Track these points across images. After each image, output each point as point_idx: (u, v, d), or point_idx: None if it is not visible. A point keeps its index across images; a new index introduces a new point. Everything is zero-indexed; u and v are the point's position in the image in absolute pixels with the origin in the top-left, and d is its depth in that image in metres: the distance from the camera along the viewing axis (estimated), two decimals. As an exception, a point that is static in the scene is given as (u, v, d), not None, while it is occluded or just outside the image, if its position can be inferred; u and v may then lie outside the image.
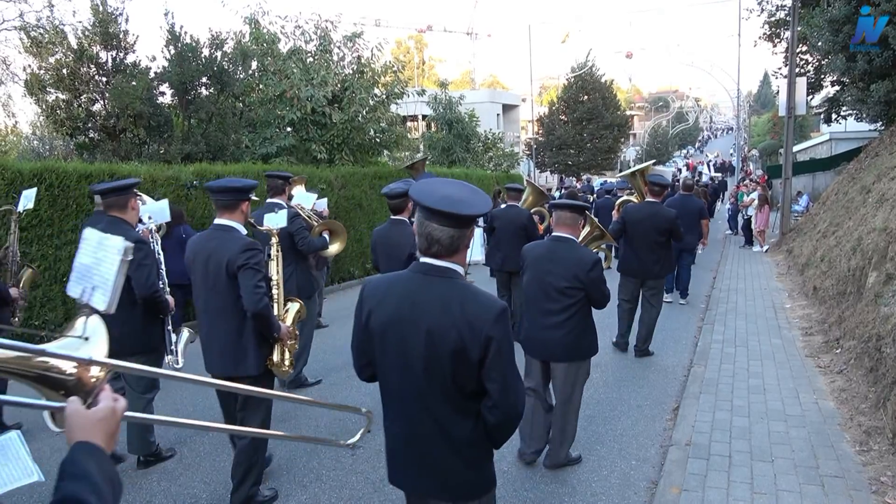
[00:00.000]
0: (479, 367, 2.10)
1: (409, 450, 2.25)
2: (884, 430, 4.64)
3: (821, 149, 27.22)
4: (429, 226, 2.11)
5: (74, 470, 1.16)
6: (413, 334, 2.14)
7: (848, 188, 12.71)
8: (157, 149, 12.55)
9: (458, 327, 2.07)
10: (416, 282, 2.18)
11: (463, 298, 2.11)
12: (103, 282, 2.51)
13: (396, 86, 15.64)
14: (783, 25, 19.56)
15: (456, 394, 2.15)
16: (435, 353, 2.11)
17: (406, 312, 2.15)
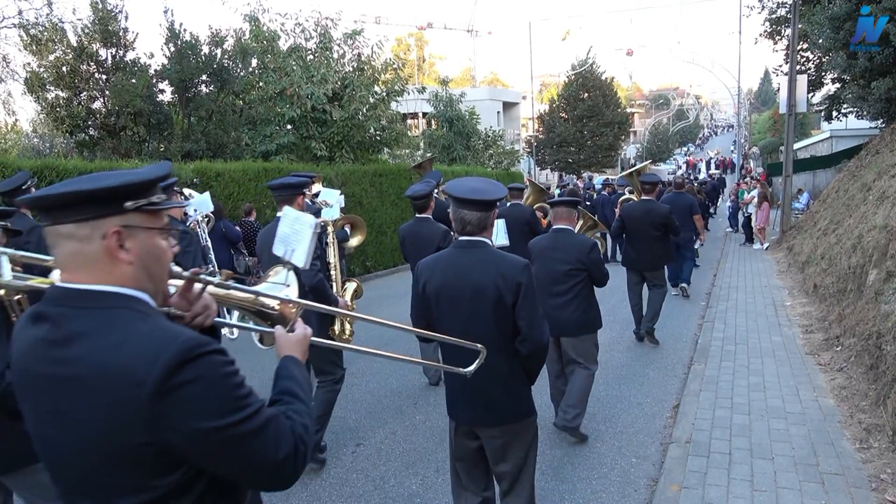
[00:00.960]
0: (512, 310, 2.71)
1: (464, 388, 2.78)
2: (884, 428, 4.64)
3: (821, 146, 27.19)
4: (461, 212, 2.78)
5: (286, 373, 1.57)
6: (461, 293, 2.75)
7: (848, 186, 12.70)
8: (158, 146, 12.57)
9: (495, 281, 2.71)
10: (457, 255, 2.84)
11: (495, 259, 2.78)
12: (300, 246, 3.37)
13: (397, 83, 15.63)
14: (784, 23, 19.55)
15: (498, 336, 2.74)
16: (480, 304, 2.73)
17: (453, 278, 2.79)
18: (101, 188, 1.27)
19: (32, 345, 1.32)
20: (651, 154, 62.53)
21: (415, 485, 4.28)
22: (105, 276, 1.30)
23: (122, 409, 1.21)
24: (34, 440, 1.38)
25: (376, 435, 5.11)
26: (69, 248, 1.29)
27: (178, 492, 1.29)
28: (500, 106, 41.96)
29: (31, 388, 1.33)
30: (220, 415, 1.25)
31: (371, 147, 15.92)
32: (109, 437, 1.24)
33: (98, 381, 1.22)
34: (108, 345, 1.24)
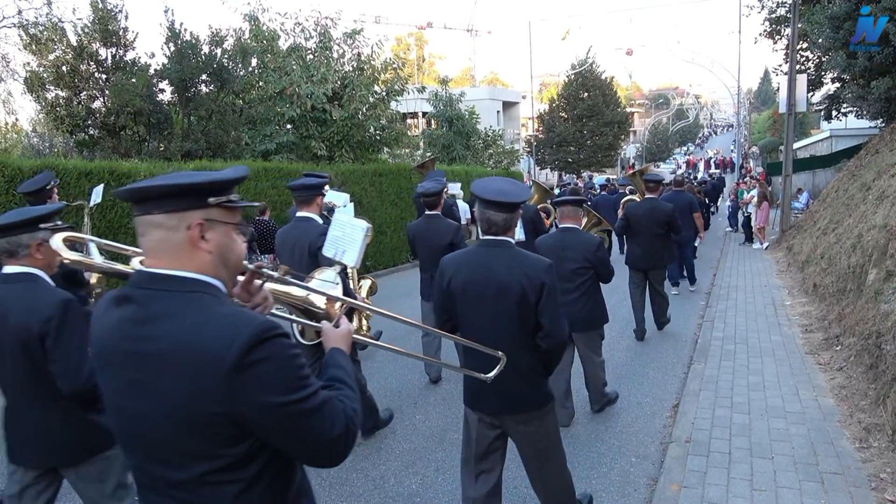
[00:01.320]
0: (535, 308, 2.84)
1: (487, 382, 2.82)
2: (883, 427, 4.64)
3: (821, 146, 27.19)
4: (487, 213, 2.88)
5: (335, 362, 1.70)
6: (487, 290, 2.88)
7: (848, 185, 12.70)
8: (157, 146, 12.56)
9: (519, 280, 2.83)
10: (482, 253, 2.95)
11: (520, 259, 2.89)
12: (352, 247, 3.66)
13: (396, 83, 15.63)
14: (784, 22, 19.55)
15: (520, 331, 2.89)
16: (504, 302, 2.85)
17: (478, 276, 2.91)
18: (191, 184, 1.44)
19: (117, 324, 1.47)
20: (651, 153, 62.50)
21: (415, 484, 4.28)
22: (187, 262, 1.45)
23: (202, 382, 1.35)
24: (113, 413, 1.52)
25: (376, 435, 5.11)
26: (158, 235, 1.44)
27: (243, 462, 1.43)
28: (500, 105, 41.97)
29: (115, 364, 1.47)
30: (286, 391, 1.39)
31: (371, 147, 15.92)
32: (188, 408, 1.37)
33: (181, 357, 1.37)
34: (190, 325, 1.39)
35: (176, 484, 1.45)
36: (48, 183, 5.22)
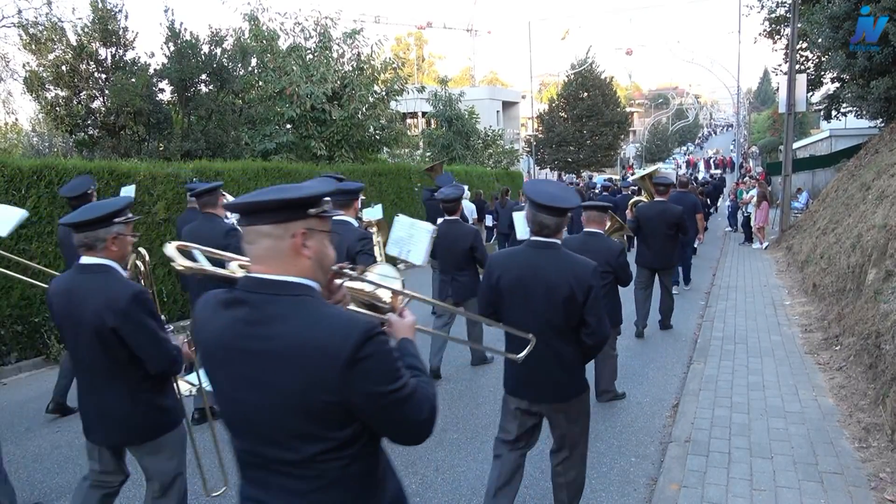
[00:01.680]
0: (582, 307, 3.07)
1: (533, 372, 3.16)
2: (883, 427, 4.65)
3: (821, 146, 27.19)
4: (539, 215, 3.09)
5: (408, 352, 1.87)
6: (535, 289, 3.08)
7: (847, 185, 12.71)
8: (157, 146, 12.55)
9: (568, 281, 3.03)
10: (532, 253, 3.15)
11: (569, 261, 3.10)
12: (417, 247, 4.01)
13: (396, 82, 15.63)
14: (783, 22, 19.56)
15: (565, 327, 3.12)
16: (552, 300, 3.06)
17: (528, 274, 3.11)
18: (296, 198, 1.60)
19: (230, 324, 1.63)
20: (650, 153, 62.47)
21: (414, 484, 4.28)
22: (291, 268, 1.62)
23: (317, 375, 1.53)
24: (225, 403, 1.71)
25: (376, 434, 5.11)
26: (266, 244, 1.61)
27: (347, 443, 1.62)
28: (500, 105, 41.96)
29: (227, 360, 1.64)
30: (388, 382, 1.59)
31: (370, 146, 15.92)
32: (303, 397, 1.55)
33: (295, 354, 1.54)
34: (303, 325, 1.56)
35: (287, 463, 1.63)
36: (89, 187, 5.49)
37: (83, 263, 2.79)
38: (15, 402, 5.70)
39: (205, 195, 5.16)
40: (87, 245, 2.74)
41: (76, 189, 5.44)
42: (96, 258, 2.76)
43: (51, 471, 4.61)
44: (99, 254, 2.76)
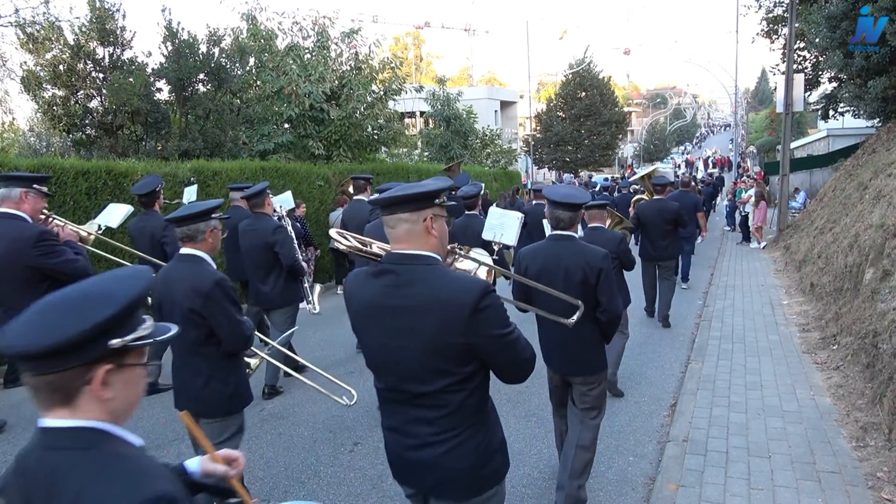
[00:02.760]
0: (594, 289, 3.57)
1: (560, 347, 3.72)
2: (880, 426, 4.65)
3: (818, 145, 27.25)
4: (557, 212, 3.64)
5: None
6: (556, 274, 3.59)
7: (845, 185, 12.72)
8: (155, 145, 12.53)
9: (582, 266, 3.56)
10: (552, 245, 3.71)
11: (582, 250, 3.64)
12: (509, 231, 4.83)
13: (394, 82, 15.61)
14: (781, 22, 19.59)
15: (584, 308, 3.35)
16: (570, 283, 3.54)
17: (550, 263, 3.64)
18: (427, 191, 2.08)
19: (379, 289, 2.12)
20: (648, 153, 62.48)
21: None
22: (423, 245, 2.10)
23: (451, 322, 2.00)
24: (374, 350, 2.19)
25: (374, 434, 5.11)
26: (404, 227, 2.09)
27: (469, 377, 2.09)
28: (498, 105, 41.96)
29: (379, 316, 2.13)
30: (500, 327, 2.05)
31: (369, 146, 15.91)
32: (438, 340, 2.02)
33: (432, 307, 2.02)
34: (437, 285, 2.04)
35: (422, 395, 2.11)
36: (157, 186, 6.15)
37: (182, 253, 3.27)
38: (11, 403, 5.68)
39: (254, 198, 5.79)
40: (189, 236, 3.21)
41: (146, 187, 6.10)
42: (194, 249, 3.23)
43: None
44: (198, 245, 3.23)
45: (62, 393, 1.28)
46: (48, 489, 1.24)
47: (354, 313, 2.24)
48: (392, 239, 2.16)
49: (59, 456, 1.27)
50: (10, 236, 4.07)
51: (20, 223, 4.16)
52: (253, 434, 5.17)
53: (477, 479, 2.18)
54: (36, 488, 1.26)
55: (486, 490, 2.20)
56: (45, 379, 1.27)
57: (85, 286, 1.35)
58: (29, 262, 4.09)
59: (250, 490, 4.16)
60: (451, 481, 2.16)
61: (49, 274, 4.20)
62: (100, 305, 1.27)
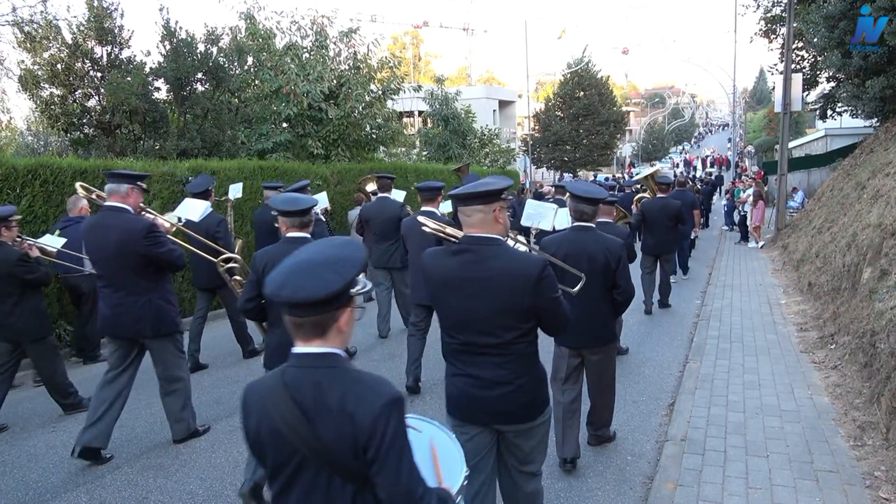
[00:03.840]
0: (614, 273, 4.15)
1: (578, 324, 3.86)
2: (878, 426, 4.66)
3: (816, 145, 27.26)
4: (580, 206, 4.24)
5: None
6: (581, 260, 4.10)
7: (843, 184, 12.73)
8: (153, 144, 12.52)
9: (604, 253, 4.14)
10: (576, 235, 4.25)
11: (602, 238, 4.21)
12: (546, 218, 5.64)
13: (392, 81, 15.60)
14: (779, 21, 19.58)
15: (602, 289, 4.21)
16: (593, 268, 4.10)
17: (575, 251, 4.16)
18: (495, 189, 2.67)
19: (460, 264, 2.72)
20: (647, 153, 62.50)
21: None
22: (492, 229, 2.71)
23: (521, 288, 2.64)
24: (454, 313, 2.78)
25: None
26: (479, 216, 2.69)
27: (529, 332, 2.77)
28: (496, 104, 41.96)
29: (461, 285, 2.72)
30: (554, 291, 2.72)
31: (367, 145, 15.90)
32: (510, 303, 2.66)
33: (505, 277, 2.65)
34: (507, 261, 2.68)
35: (494, 346, 2.73)
36: (210, 185, 6.93)
37: (290, 237, 3.97)
38: (8, 402, 5.67)
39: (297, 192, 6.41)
40: (303, 223, 4.00)
41: (200, 186, 6.84)
42: (300, 233, 3.99)
43: (46, 471, 4.59)
44: (303, 230, 4.00)
45: (320, 328, 1.79)
46: (316, 393, 1.76)
47: (434, 284, 2.85)
48: (466, 225, 2.74)
49: (318, 372, 1.79)
50: (122, 227, 4.49)
51: (129, 215, 4.58)
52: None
53: (537, 405, 2.86)
54: (304, 394, 1.77)
55: (542, 411, 2.88)
56: (310, 319, 1.77)
57: (329, 251, 1.87)
58: (140, 251, 4.48)
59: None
60: (520, 408, 2.81)
61: (153, 260, 4.58)
62: (349, 266, 1.80)
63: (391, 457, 1.72)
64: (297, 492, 1.83)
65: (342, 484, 1.77)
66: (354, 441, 1.71)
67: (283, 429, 1.77)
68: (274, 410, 1.79)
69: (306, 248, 1.89)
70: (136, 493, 4.23)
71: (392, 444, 1.72)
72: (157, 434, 5.21)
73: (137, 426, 5.40)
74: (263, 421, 1.82)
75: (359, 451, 1.72)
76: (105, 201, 4.71)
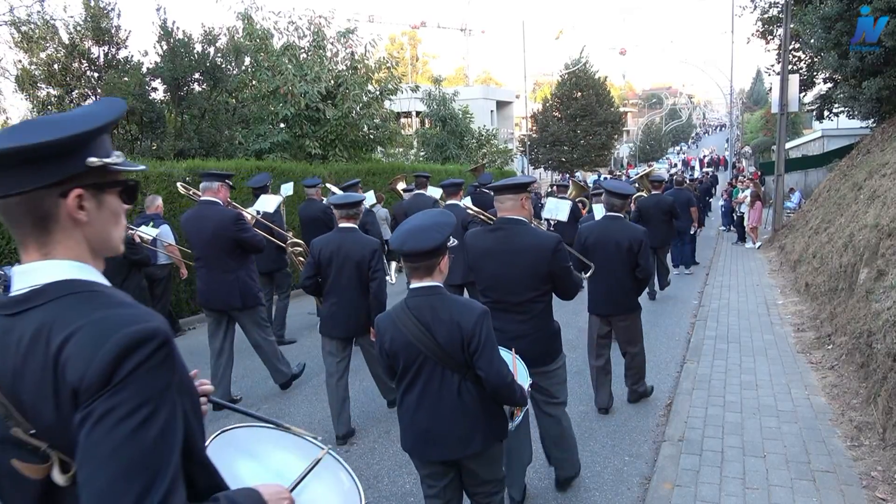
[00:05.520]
0: (636, 255, 5.07)
1: (607, 296, 5.25)
2: (874, 426, 4.67)
3: (813, 146, 27.30)
4: (611, 199, 5.26)
5: None
6: (609, 245, 5.14)
7: (840, 185, 12.76)
8: (150, 145, 12.51)
9: (628, 238, 5.08)
10: (606, 223, 5.25)
11: (628, 227, 5.24)
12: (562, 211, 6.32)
13: (390, 82, 15.59)
14: (776, 22, 19.60)
15: (626, 267, 5.13)
16: (619, 251, 5.10)
17: (603, 236, 5.17)
18: (523, 182, 3.53)
19: (495, 239, 3.57)
20: (644, 153, 62.56)
21: (408, 483, 4.28)
22: (520, 213, 3.53)
23: (541, 258, 3.49)
24: (488, 278, 3.64)
25: (370, 434, 5.11)
26: (510, 203, 3.53)
27: (547, 293, 3.62)
28: (494, 105, 41.92)
29: (495, 255, 3.55)
30: (565, 261, 3.55)
31: (365, 146, 15.89)
32: (532, 269, 3.51)
33: (529, 250, 3.49)
34: (532, 237, 3.53)
35: (517, 304, 3.58)
36: (268, 181, 7.84)
37: (343, 227, 4.88)
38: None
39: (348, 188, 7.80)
40: (349, 216, 4.89)
41: (260, 182, 7.73)
42: (351, 223, 4.90)
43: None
44: (352, 220, 4.92)
45: (429, 270, 2.62)
46: (432, 312, 2.61)
47: (474, 255, 3.67)
48: (500, 210, 3.61)
49: (431, 298, 2.63)
50: (217, 217, 5.40)
51: (221, 207, 5.48)
52: (248, 434, 5.17)
53: (552, 352, 3.73)
54: (424, 313, 2.63)
55: (556, 357, 3.76)
56: (423, 264, 2.61)
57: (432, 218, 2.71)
58: (231, 236, 5.39)
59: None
60: (538, 354, 3.61)
61: (240, 243, 5.47)
62: (446, 228, 2.66)
63: (486, 348, 2.56)
64: (420, 383, 2.67)
65: (451, 374, 2.63)
66: (461, 340, 2.56)
67: (411, 339, 2.60)
68: (403, 328, 2.62)
69: (416, 216, 2.76)
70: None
71: (486, 340, 2.57)
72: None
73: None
74: (396, 337, 2.64)
75: (465, 347, 2.56)
76: (200, 197, 5.64)
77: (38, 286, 1.16)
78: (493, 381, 2.57)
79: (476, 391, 2.63)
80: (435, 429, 2.66)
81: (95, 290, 1.19)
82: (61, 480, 1.11)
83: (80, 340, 1.07)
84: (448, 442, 2.68)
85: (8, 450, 1.13)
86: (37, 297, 1.15)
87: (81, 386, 1.04)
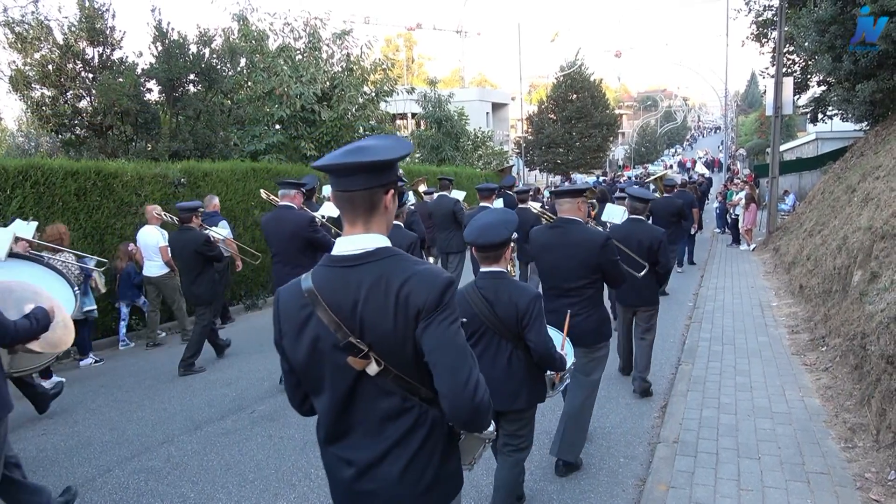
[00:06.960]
0: (657, 253, 5.60)
1: (630, 288, 5.66)
2: (868, 427, 4.68)
3: (807, 148, 27.39)
4: (634, 203, 5.91)
5: None
6: (632, 242, 5.67)
7: (834, 187, 12.81)
8: (145, 146, 12.49)
9: (650, 238, 5.64)
10: (631, 225, 5.86)
11: (650, 228, 5.81)
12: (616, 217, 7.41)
13: (386, 83, 15.60)
14: (770, 26, 19.67)
15: (648, 263, 5.58)
16: (641, 249, 5.63)
17: (627, 236, 5.71)
18: (581, 188, 4.33)
19: (555, 234, 4.23)
20: (639, 155, 62.68)
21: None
22: (576, 214, 4.23)
23: (591, 251, 4.13)
24: (548, 269, 4.29)
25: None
26: (567, 205, 4.23)
27: (596, 281, 4.24)
28: (489, 107, 41.97)
29: (554, 249, 4.21)
30: (613, 255, 4.21)
31: (360, 147, 15.86)
32: (585, 259, 4.15)
33: (581, 244, 4.13)
34: (583, 233, 4.16)
35: (571, 289, 4.19)
36: (315, 184, 8.47)
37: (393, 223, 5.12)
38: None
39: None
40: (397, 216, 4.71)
41: (309, 184, 7.91)
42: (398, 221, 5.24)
43: (36, 474, 4.56)
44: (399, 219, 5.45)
45: (496, 259, 3.18)
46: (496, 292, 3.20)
47: (536, 247, 4.31)
48: (560, 211, 4.24)
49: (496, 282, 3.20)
50: (294, 220, 6.10)
51: (296, 211, 6.20)
52: (244, 436, 5.15)
53: (600, 335, 4.27)
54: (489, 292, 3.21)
55: (603, 340, 4.31)
56: (492, 254, 3.16)
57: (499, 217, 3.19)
58: (305, 236, 6.04)
59: (239, 492, 4.14)
60: (586, 334, 4.17)
61: (312, 242, 6.07)
62: (511, 224, 3.16)
63: (537, 323, 3.16)
64: (479, 348, 3.27)
65: (506, 343, 3.26)
66: (517, 315, 3.15)
67: (476, 311, 3.20)
68: (472, 302, 3.21)
69: (485, 214, 3.24)
70: (127, 497, 4.20)
71: (537, 317, 3.15)
72: (147, 437, 5.18)
73: (128, 429, 5.37)
74: (465, 309, 3.15)
75: (519, 321, 3.15)
76: (279, 201, 6.40)
77: (369, 249, 1.75)
78: (539, 349, 3.18)
79: (524, 358, 3.26)
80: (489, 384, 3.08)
81: (402, 254, 1.78)
82: (373, 370, 1.72)
83: (418, 281, 1.69)
84: (497, 396, 3.01)
85: (343, 353, 1.73)
86: (369, 256, 1.74)
87: (424, 307, 1.68)
